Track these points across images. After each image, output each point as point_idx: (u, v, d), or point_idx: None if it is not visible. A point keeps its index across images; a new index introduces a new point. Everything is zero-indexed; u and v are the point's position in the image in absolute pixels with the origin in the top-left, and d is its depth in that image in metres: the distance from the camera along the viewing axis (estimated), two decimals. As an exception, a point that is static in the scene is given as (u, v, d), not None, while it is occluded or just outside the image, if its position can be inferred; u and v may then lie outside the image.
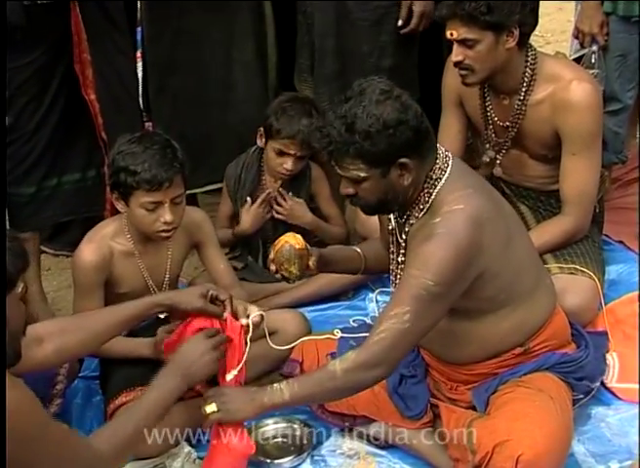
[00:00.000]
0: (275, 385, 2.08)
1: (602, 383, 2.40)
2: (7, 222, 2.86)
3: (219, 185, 3.15)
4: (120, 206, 2.40)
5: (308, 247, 2.29)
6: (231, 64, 3.17)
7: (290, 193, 2.99)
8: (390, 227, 2.20)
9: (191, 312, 2.14)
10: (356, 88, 2.02)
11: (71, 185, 2.92)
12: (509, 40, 2.48)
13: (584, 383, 2.25)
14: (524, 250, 2.19)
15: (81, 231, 3.23)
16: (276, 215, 2.98)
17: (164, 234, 2.38)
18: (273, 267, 2.28)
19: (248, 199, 2.98)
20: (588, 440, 2.28)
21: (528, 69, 2.56)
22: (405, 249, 2.13)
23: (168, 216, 2.34)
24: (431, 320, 2.03)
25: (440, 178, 2.05)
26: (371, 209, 2.12)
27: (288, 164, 2.89)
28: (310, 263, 2.28)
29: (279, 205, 2.98)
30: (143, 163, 2.29)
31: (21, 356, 1.75)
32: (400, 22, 2.95)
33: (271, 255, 2.29)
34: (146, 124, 3.45)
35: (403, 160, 1.99)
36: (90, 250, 2.43)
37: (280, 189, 2.98)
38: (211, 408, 2.05)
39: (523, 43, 2.53)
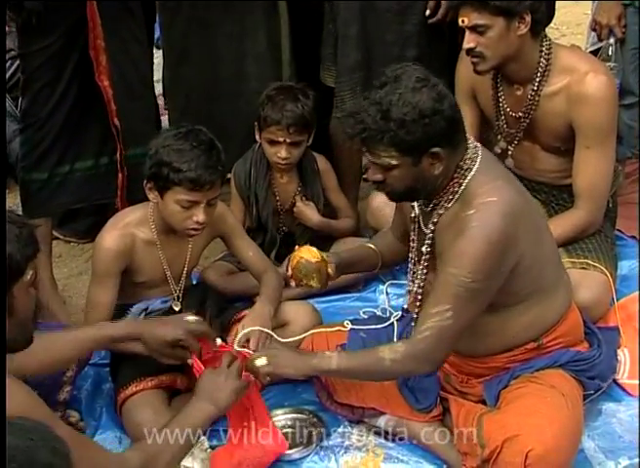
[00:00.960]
0: (326, 352, 2.15)
1: (613, 379, 2.39)
2: (15, 209, 2.87)
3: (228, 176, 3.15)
4: (152, 196, 2.39)
5: (325, 256, 2.28)
6: (244, 56, 3.15)
7: (306, 187, 2.98)
8: (413, 215, 2.19)
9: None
10: (391, 74, 1.99)
11: (84, 172, 2.91)
12: (521, 26, 2.46)
13: (596, 382, 2.25)
14: (549, 244, 2.19)
15: (91, 218, 3.27)
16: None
17: (193, 232, 2.39)
18: (293, 283, 2.29)
19: None
20: (599, 436, 2.27)
21: (542, 59, 2.54)
22: (432, 239, 2.12)
23: (201, 217, 2.34)
24: (472, 314, 2.05)
25: (470, 169, 2.04)
26: (397, 196, 2.12)
27: (281, 153, 2.87)
28: (330, 271, 2.28)
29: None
30: (190, 162, 2.30)
31: (32, 342, 1.76)
32: (427, 12, 2.93)
33: (288, 272, 2.29)
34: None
35: (435, 149, 1.97)
36: (112, 237, 2.43)
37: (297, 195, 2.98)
38: (261, 361, 2.07)
39: (536, 31, 2.50)
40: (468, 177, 2.04)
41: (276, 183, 3.00)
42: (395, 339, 2.31)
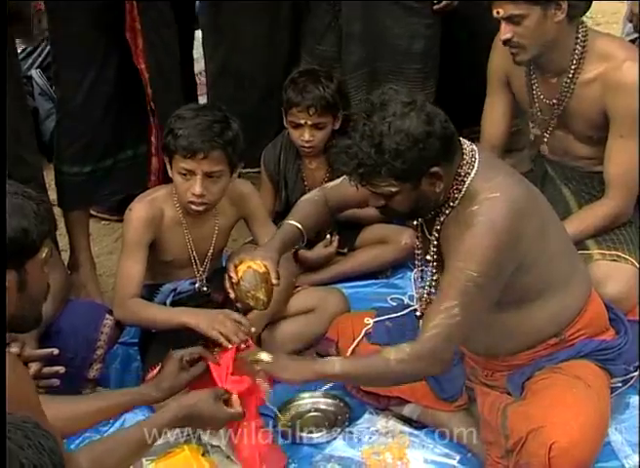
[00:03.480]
0: (328, 358, 2.12)
1: (641, 371, 2.38)
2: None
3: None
4: (168, 168, 2.42)
5: (267, 265, 2.17)
6: (275, 46, 3.15)
7: (334, 174, 2.95)
8: (416, 223, 2.18)
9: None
10: (376, 101, 1.95)
11: (125, 162, 2.91)
12: (557, 13, 2.41)
13: (623, 367, 2.22)
14: (558, 237, 2.16)
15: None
16: None
17: (193, 207, 2.39)
18: (233, 294, 2.17)
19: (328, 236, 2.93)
20: (626, 429, 2.25)
21: (578, 46, 2.50)
22: (437, 246, 2.10)
23: (197, 188, 2.34)
24: (479, 311, 2.03)
25: (469, 173, 2.03)
26: (403, 217, 2.11)
27: (304, 135, 2.86)
28: (274, 282, 2.17)
29: None
30: (185, 129, 2.31)
31: (42, 321, 1.77)
32: None
33: (232, 287, 2.16)
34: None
35: (434, 169, 1.96)
36: (141, 205, 2.46)
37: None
38: (265, 356, 2.06)
39: (573, 17, 2.46)
40: (467, 181, 2.02)
41: (305, 169, 3.00)
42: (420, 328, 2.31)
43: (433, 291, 2.18)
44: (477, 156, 2.04)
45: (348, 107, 2.95)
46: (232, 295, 2.17)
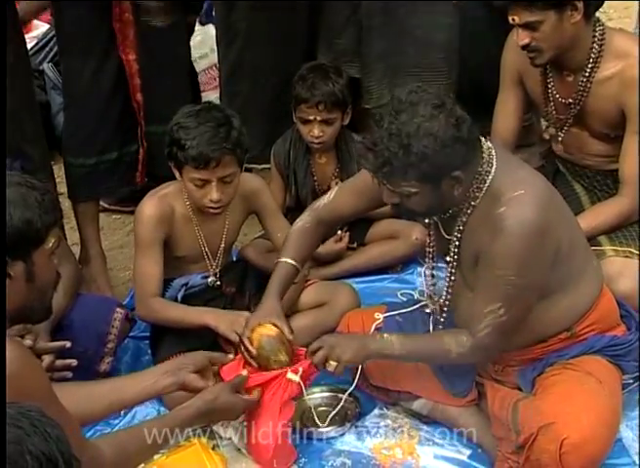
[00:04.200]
0: (386, 336, 2.14)
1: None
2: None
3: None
4: (177, 175, 2.41)
5: (277, 323, 2.17)
6: (291, 43, 3.11)
7: (343, 169, 2.95)
8: (428, 221, 2.18)
9: None
10: (405, 99, 1.93)
11: (131, 156, 2.90)
12: (574, 14, 2.40)
13: (634, 363, 2.22)
14: (574, 231, 2.16)
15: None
16: None
17: (211, 210, 2.39)
18: (255, 364, 2.14)
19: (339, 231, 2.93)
20: (637, 426, 2.24)
21: (595, 44, 2.48)
22: (457, 246, 2.10)
23: (214, 195, 2.34)
24: (526, 305, 2.06)
25: (489, 172, 2.02)
26: (415, 216, 2.10)
27: (313, 131, 2.86)
28: (290, 338, 2.17)
29: None
30: (193, 139, 2.29)
31: (52, 312, 1.76)
32: None
33: (252, 355, 2.14)
34: (203, 94, 3.46)
35: (456, 173, 1.95)
36: (152, 203, 2.45)
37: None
38: (331, 366, 2.09)
39: (589, 16, 2.44)
40: (488, 181, 2.01)
41: (314, 164, 3.00)
42: (431, 325, 2.30)
43: (450, 291, 2.18)
44: (494, 153, 2.04)
45: (370, 101, 2.94)
46: (255, 365, 2.14)
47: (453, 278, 2.16)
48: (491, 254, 1.99)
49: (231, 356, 2.17)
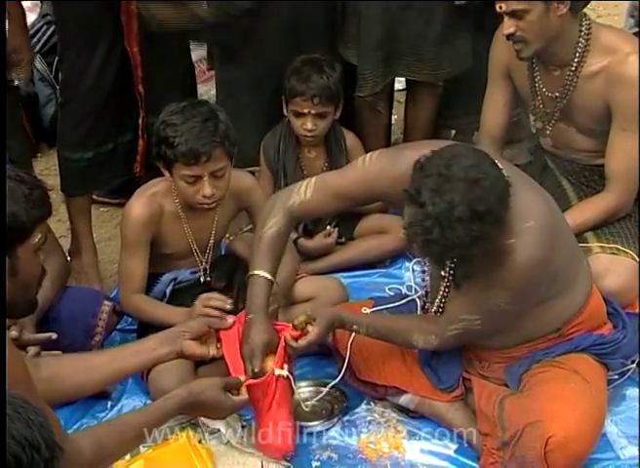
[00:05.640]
0: (357, 317, 2.21)
1: (638, 364, 2.38)
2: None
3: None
4: (166, 174, 2.40)
5: (273, 341, 2.12)
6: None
7: (332, 164, 2.95)
8: None
9: None
10: (443, 171, 1.85)
11: (125, 146, 2.89)
12: (560, 6, 2.40)
13: (620, 361, 2.23)
14: (572, 248, 2.17)
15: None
16: None
17: (205, 206, 2.39)
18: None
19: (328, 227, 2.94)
20: (622, 421, 2.26)
21: (582, 39, 2.48)
22: (453, 263, 2.10)
23: (207, 191, 2.33)
24: (505, 323, 2.11)
25: None
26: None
27: (307, 124, 2.85)
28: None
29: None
30: (181, 136, 2.28)
31: (37, 306, 1.76)
32: None
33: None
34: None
35: None
36: (140, 204, 2.44)
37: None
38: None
39: (576, 10, 2.44)
40: None
41: (303, 158, 2.99)
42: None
43: (441, 305, 2.20)
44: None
45: (364, 90, 2.93)
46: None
47: (447, 291, 2.17)
48: (487, 279, 2.00)
49: (230, 321, 2.16)
